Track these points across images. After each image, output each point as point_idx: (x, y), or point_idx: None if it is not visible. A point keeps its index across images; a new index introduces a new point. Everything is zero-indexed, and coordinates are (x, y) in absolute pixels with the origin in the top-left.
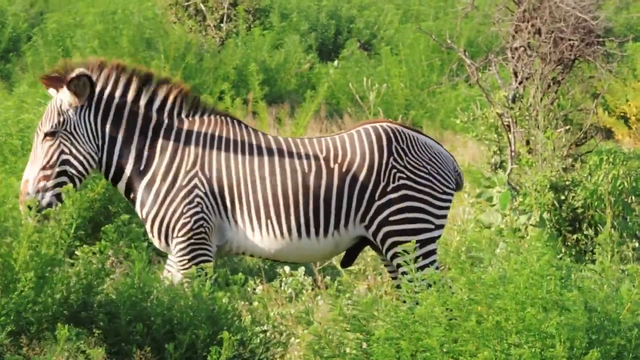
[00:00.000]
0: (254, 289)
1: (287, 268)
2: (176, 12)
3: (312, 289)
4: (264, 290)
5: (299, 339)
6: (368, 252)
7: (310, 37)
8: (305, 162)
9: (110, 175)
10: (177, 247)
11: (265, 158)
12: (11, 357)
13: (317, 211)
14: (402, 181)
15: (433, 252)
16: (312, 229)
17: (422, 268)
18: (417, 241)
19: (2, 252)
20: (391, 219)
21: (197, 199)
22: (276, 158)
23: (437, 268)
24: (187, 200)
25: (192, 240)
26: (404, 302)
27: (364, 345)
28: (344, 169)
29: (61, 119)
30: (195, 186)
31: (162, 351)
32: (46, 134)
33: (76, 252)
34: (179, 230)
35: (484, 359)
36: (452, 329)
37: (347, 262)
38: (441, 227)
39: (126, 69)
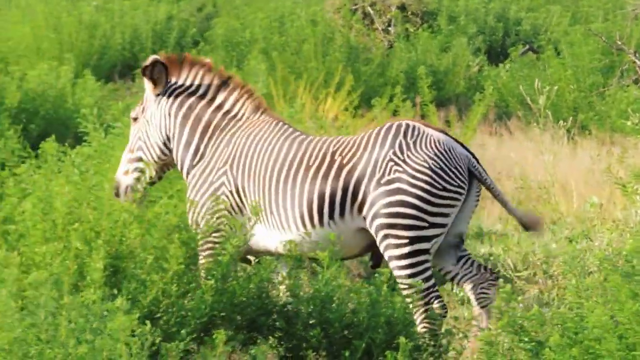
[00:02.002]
0: None
1: None
2: (344, 16)
3: None
4: None
5: (473, 343)
6: (536, 256)
7: (477, 40)
8: (313, 157)
9: (178, 168)
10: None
11: (280, 157)
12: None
13: (310, 202)
14: (397, 174)
15: (423, 251)
16: (308, 221)
17: (410, 266)
18: (406, 237)
19: (179, 257)
20: (382, 211)
21: (223, 196)
22: (289, 156)
23: (427, 269)
24: (215, 196)
25: (210, 237)
26: (572, 308)
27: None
28: (344, 161)
29: (142, 107)
30: (223, 184)
31: (338, 355)
32: (132, 118)
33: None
34: (202, 223)
35: None
36: (624, 337)
37: (375, 263)
38: (438, 225)
39: (211, 70)
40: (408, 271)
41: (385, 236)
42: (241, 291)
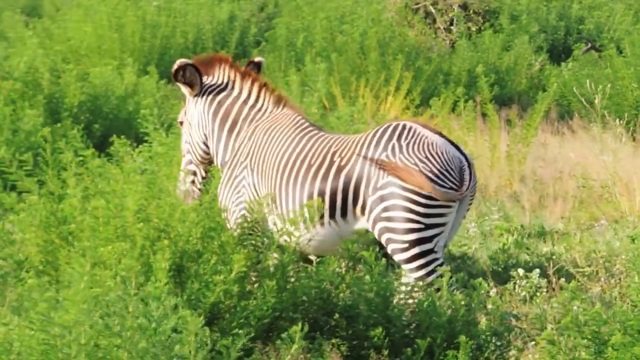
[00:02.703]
0: (488, 292)
1: (520, 270)
2: (405, 15)
3: (547, 291)
4: (498, 292)
5: (534, 342)
6: (599, 253)
7: (539, 38)
8: (316, 155)
9: (215, 164)
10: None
11: (286, 153)
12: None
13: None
14: (389, 178)
15: (428, 251)
16: (309, 220)
17: (420, 268)
18: (407, 241)
19: (241, 260)
20: (383, 215)
21: (243, 190)
22: (294, 153)
23: (441, 264)
24: (236, 190)
25: (239, 230)
26: (635, 306)
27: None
28: (343, 163)
29: (185, 109)
30: (244, 177)
31: (399, 354)
32: (179, 122)
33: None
34: (230, 218)
35: None
36: None
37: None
38: (436, 225)
39: (237, 67)
40: (420, 272)
41: (389, 240)
42: (302, 291)
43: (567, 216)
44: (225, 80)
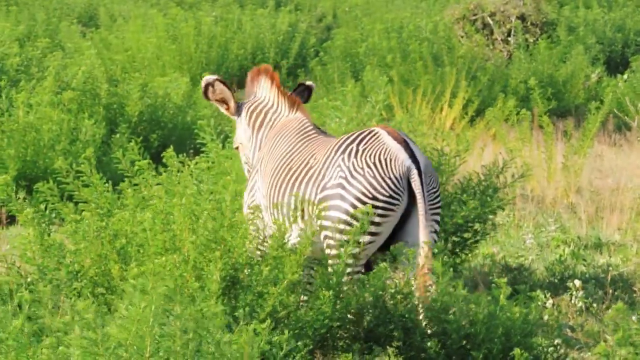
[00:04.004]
0: (544, 303)
1: (577, 282)
2: (463, 26)
3: (603, 302)
4: (554, 304)
5: (590, 354)
6: None
7: (594, 49)
8: (296, 158)
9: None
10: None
11: (281, 156)
12: None
13: (289, 205)
14: (339, 180)
15: (351, 255)
16: (292, 222)
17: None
18: (336, 240)
19: (292, 266)
20: (323, 213)
21: (254, 191)
22: (286, 156)
23: (357, 272)
24: (251, 194)
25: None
26: None
27: None
28: (310, 164)
29: (236, 134)
30: (255, 181)
31: None
32: (235, 148)
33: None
34: (246, 219)
35: None
36: None
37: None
38: (369, 233)
39: (264, 74)
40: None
41: (325, 237)
42: (356, 301)
43: (624, 228)
44: (256, 90)
